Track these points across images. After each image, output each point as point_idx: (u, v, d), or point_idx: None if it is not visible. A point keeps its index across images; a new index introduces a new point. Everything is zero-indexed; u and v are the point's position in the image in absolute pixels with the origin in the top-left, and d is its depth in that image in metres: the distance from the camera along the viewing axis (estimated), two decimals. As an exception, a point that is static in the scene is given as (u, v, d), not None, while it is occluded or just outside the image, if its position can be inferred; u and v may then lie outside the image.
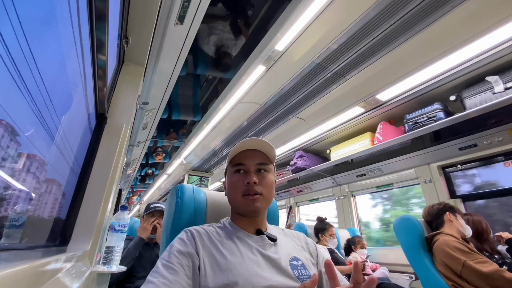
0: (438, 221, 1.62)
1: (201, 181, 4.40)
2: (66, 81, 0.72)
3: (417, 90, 1.98)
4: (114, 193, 1.12)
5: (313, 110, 2.40)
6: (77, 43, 0.70)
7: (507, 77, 1.68)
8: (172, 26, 1.36)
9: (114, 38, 0.99)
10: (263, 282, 0.57)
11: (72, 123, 0.81)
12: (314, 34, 1.57)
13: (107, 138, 1.03)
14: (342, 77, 1.93)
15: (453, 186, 2.29)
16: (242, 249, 0.64)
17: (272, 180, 0.73)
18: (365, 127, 2.58)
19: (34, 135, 0.57)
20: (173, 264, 0.56)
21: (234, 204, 0.73)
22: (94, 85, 0.83)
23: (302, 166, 3.10)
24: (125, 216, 1.13)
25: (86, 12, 0.63)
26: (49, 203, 0.83)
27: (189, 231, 0.66)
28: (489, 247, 1.62)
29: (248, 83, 2.01)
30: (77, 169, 0.92)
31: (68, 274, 0.57)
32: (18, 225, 0.63)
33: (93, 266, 0.94)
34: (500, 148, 1.96)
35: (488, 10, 1.39)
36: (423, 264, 1.51)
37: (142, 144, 3.09)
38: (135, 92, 1.30)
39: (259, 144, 0.73)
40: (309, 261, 0.71)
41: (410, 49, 1.66)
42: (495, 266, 1.26)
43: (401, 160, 2.52)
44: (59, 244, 0.80)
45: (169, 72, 1.76)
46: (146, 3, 1.04)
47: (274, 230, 0.77)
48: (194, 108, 2.91)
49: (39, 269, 0.41)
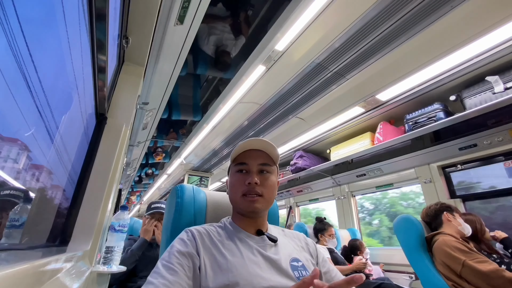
0: (437, 221, 1.62)
1: (201, 181, 4.39)
2: (66, 81, 0.72)
3: (417, 90, 1.98)
4: (114, 193, 1.12)
5: (313, 110, 2.40)
6: (77, 43, 0.70)
7: (507, 77, 1.68)
8: (172, 26, 1.36)
9: (114, 38, 0.99)
10: (264, 283, 0.57)
11: (72, 123, 0.81)
12: (314, 34, 1.57)
13: (107, 138, 1.03)
14: (342, 77, 1.93)
15: (453, 186, 2.29)
16: (243, 250, 0.64)
17: (274, 181, 0.73)
18: (365, 127, 2.58)
19: (34, 135, 0.57)
20: (173, 265, 0.56)
21: (234, 203, 0.73)
22: (94, 85, 0.82)
23: (302, 166, 3.10)
24: (125, 216, 1.13)
25: (86, 12, 0.63)
26: (49, 203, 0.83)
27: (189, 231, 0.66)
28: (486, 246, 1.62)
29: (248, 83, 2.01)
30: (77, 169, 0.92)
31: (68, 274, 0.57)
32: (18, 225, 0.63)
33: (93, 266, 0.94)
34: (500, 148, 1.96)
35: (488, 10, 1.39)
36: (423, 264, 1.51)
37: (142, 144, 3.09)
38: (135, 92, 1.30)
39: (263, 145, 0.73)
40: (309, 261, 0.71)
41: (410, 49, 1.66)
42: (495, 265, 1.26)
43: (401, 160, 2.52)
44: (59, 244, 0.80)
45: (169, 72, 1.76)
46: (146, 3, 1.04)
47: (275, 231, 0.77)
48: (194, 108, 2.90)
49: (39, 269, 0.41)
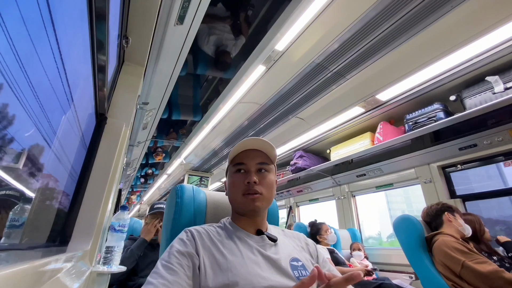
0: (437, 221, 1.61)
1: (201, 181, 4.39)
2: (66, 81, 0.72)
3: (417, 90, 1.98)
4: (114, 193, 1.12)
5: (313, 110, 2.40)
6: (77, 43, 0.70)
7: (507, 77, 1.68)
8: (172, 26, 1.36)
9: (114, 38, 0.99)
10: (263, 283, 0.57)
11: (72, 123, 0.81)
12: (314, 34, 1.57)
13: (107, 138, 1.03)
14: (342, 77, 1.93)
15: (453, 186, 2.29)
16: (243, 249, 0.64)
17: (273, 180, 0.73)
18: (365, 127, 2.58)
19: (34, 135, 0.57)
20: (172, 265, 0.56)
21: (234, 203, 0.73)
22: (94, 85, 0.82)
23: (302, 166, 3.10)
24: (125, 216, 1.13)
25: (86, 12, 0.63)
26: (49, 203, 0.83)
27: (189, 231, 0.66)
28: (486, 246, 1.62)
29: (248, 83, 2.01)
30: (77, 169, 0.92)
31: (68, 274, 0.57)
32: (18, 225, 0.63)
33: (93, 266, 0.94)
34: (500, 148, 1.96)
35: (488, 10, 1.39)
36: (423, 264, 1.51)
37: (142, 144, 3.09)
38: (135, 92, 1.30)
39: (260, 144, 0.73)
40: (309, 261, 0.71)
41: (410, 49, 1.66)
42: (494, 266, 1.26)
43: (401, 160, 2.52)
44: (59, 244, 0.80)
45: (169, 72, 1.76)
46: (146, 3, 1.04)
47: (274, 231, 0.77)
48: (194, 108, 2.90)
49: (39, 269, 0.41)
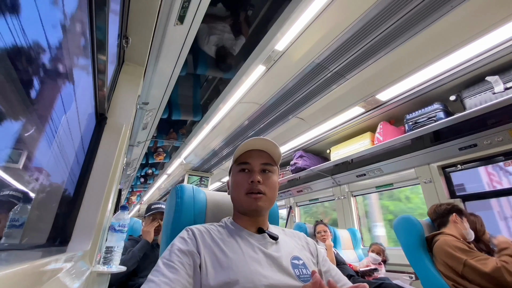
0: (443, 220, 1.60)
1: (201, 181, 4.39)
2: (66, 81, 0.72)
3: (417, 90, 1.98)
4: (114, 193, 1.12)
5: (313, 110, 2.40)
6: (77, 43, 0.70)
7: (507, 77, 1.68)
8: (172, 26, 1.36)
9: (114, 38, 0.99)
10: (264, 281, 0.57)
11: (72, 123, 0.81)
12: (314, 34, 1.57)
13: (107, 138, 1.03)
14: (342, 77, 1.93)
15: (453, 186, 2.29)
16: (244, 247, 0.64)
17: (276, 181, 0.73)
18: (365, 127, 2.58)
19: (34, 135, 0.57)
20: (174, 263, 0.56)
21: (237, 202, 0.73)
22: (94, 85, 0.82)
23: (302, 166, 3.10)
24: (125, 216, 1.13)
25: (86, 12, 0.63)
26: (49, 203, 0.83)
27: (190, 229, 0.66)
28: (485, 246, 1.62)
29: (248, 83, 2.01)
30: (77, 169, 0.92)
31: (68, 274, 0.57)
32: (18, 225, 0.63)
33: (93, 266, 0.94)
34: (500, 148, 1.95)
35: (488, 10, 1.39)
36: (423, 264, 1.51)
37: (142, 144, 3.09)
38: (135, 92, 1.30)
39: (264, 144, 0.73)
40: (310, 260, 0.71)
41: (410, 49, 1.66)
42: (496, 262, 1.26)
43: (401, 160, 2.52)
44: (59, 244, 0.80)
45: (169, 72, 1.76)
46: (146, 3, 1.04)
47: (275, 230, 0.77)
48: (194, 108, 2.90)
49: (39, 269, 0.41)
